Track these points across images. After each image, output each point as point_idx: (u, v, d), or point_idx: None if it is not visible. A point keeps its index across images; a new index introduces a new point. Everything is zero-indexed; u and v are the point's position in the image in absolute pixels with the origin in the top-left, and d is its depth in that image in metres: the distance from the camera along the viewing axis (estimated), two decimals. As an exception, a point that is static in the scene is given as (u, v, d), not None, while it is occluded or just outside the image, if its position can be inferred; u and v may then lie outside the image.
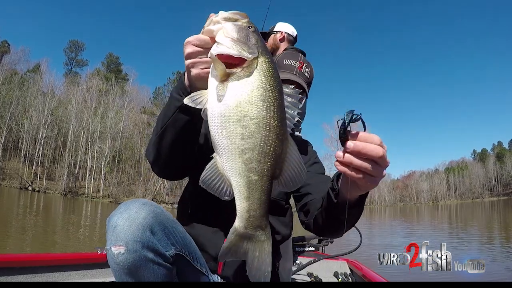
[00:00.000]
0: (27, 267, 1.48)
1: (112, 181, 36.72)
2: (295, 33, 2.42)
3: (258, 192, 0.60)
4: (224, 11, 0.65)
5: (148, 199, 0.85)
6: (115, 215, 0.77)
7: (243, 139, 0.58)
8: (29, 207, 17.01)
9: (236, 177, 0.60)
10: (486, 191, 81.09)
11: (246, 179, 0.59)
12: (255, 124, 0.57)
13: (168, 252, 0.80)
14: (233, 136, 0.58)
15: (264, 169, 0.59)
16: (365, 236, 2.42)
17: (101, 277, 1.74)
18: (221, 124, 0.58)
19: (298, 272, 2.14)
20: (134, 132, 41.38)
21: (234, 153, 0.59)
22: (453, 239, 10.40)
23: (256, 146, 0.58)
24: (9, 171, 32.74)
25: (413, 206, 68.31)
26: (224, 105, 0.58)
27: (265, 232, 0.63)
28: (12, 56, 41.48)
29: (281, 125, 0.60)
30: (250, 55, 0.60)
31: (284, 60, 1.12)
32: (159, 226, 0.78)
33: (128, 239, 0.73)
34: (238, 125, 0.58)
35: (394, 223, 21.86)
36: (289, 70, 1.11)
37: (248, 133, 0.57)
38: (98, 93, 39.52)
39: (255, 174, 0.59)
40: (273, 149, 0.59)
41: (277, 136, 0.59)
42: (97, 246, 1.94)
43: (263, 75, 0.59)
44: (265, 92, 0.58)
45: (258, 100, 0.58)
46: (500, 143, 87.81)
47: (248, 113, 0.57)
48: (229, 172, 0.60)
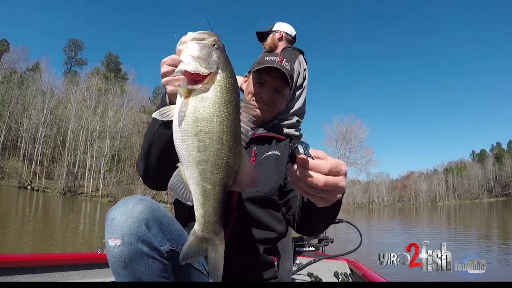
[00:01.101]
0: (27, 267, 1.48)
1: (111, 181, 36.70)
2: (293, 33, 2.42)
3: (211, 200, 0.66)
4: (192, 32, 0.70)
5: (145, 196, 0.87)
6: (113, 209, 0.80)
7: (199, 152, 0.63)
8: (28, 206, 16.98)
9: (194, 186, 0.66)
10: (485, 192, 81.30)
11: (201, 188, 0.65)
12: (209, 138, 0.63)
13: (163, 247, 0.81)
14: (190, 148, 0.64)
15: (217, 179, 0.65)
16: (365, 236, 2.43)
17: (101, 277, 1.74)
18: (181, 137, 0.64)
19: (298, 272, 2.15)
20: (134, 131, 41.36)
21: (191, 163, 0.64)
22: (452, 239, 10.43)
23: (210, 159, 0.64)
24: (8, 170, 32.67)
25: (412, 207, 68.45)
26: (184, 120, 0.64)
27: (219, 237, 0.68)
28: (12, 55, 41.40)
29: (234, 139, 0.65)
30: (207, 70, 0.64)
31: (265, 57, 1.20)
32: (154, 221, 0.81)
33: (124, 232, 0.76)
34: (195, 139, 0.63)
35: (393, 223, 21.90)
36: (270, 65, 1.16)
37: (203, 147, 0.63)
38: (98, 92, 39.47)
39: (209, 183, 0.65)
40: (225, 162, 0.64)
41: (230, 149, 0.64)
42: (97, 246, 1.94)
43: (219, 90, 0.64)
44: (219, 108, 0.63)
45: (212, 115, 0.63)
46: (499, 144, 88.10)
47: (203, 128, 0.63)
48: (188, 180, 0.66)
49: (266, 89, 1.19)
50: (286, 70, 1.17)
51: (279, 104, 1.22)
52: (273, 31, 2.39)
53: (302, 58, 2.22)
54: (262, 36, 2.46)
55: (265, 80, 1.19)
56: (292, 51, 2.21)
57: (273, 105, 1.20)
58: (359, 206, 69.97)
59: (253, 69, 1.21)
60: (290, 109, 2.16)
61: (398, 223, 21.85)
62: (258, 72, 1.19)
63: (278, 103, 1.22)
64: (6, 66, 37.76)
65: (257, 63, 1.20)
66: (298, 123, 2.25)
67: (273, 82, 1.19)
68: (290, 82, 1.20)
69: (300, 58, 2.19)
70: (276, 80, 1.18)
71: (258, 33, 2.49)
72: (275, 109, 1.23)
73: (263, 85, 1.19)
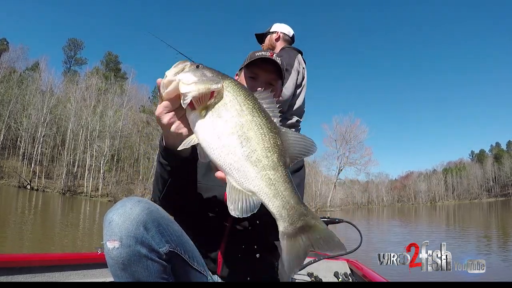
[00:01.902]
0: (27, 267, 1.48)
1: (111, 180, 36.64)
2: (291, 33, 2.43)
3: (282, 183, 0.61)
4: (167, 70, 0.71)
5: (146, 198, 0.87)
6: (111, 211, 0.80)
7: (243, 146, 0.63)
8: (28, 206, 16.96)
9: (255, 182, 0.62)
10: (484, 192, 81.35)
11: (265, 178, 0.61)
12: (247, 128, 0.63)
13: (161, 248, 0.81)
14: (233, 147, 0.63)
15: (275, 160, 0.62)
16: (365, 236, 2.43)
17: (101, 277, 1.74)
18: (219, 146, 0.64)
19: (298, 272, 2.15)
20: (133, 131, 41.29)
21: (242, 162, 0.62)
22: (452, 239, 10.44)
23: (257, 146, 0.63)
24: (7, 169, 32.62)
25: (411, 207, 68.50)
26: (214, 129, 0.65)
27: (310, 214, 0.63)
28: (11, 54, 41.28)
29: (268, 120, 0.66)
30: (217, 84, 0.66)
31: (256, 53, 1.20)
32: (152, 223, 0.80)
33: (122, 234, 0.75)
34: (233, 137, 0.63)
35: (393, 223, 21.92)
36: (261, 57, 1.17)
37: (245, 138, 0.63)
38: (97, 92, 39.41)
39: (270, 168, 0.62)
40: (272, 141, 0.63)
41: (269, 129, 0.64)
42: (97, 246, 1.94)
43: (233, 92, 0.67)
44: (242, 102, 0.66)
45: (239, 110, 0.65)
46: (498, 144, 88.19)
47: (237, 124, 0.64)
48: (246, 183, 0.62)
49: (258, 83, 1.17)
50: (278, 63, 1.15)
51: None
52: (271, 32, 2.41)
53: (300, 57, 2.23)
54: (261, 38, 2.48)
55: (258, 73, 1.17)
56: (291, 51, 2.22)
57: None
58: (359, 206, 69.98)
59: (244, 64, 1.19)
60: (293, 106, 2.16)
61: (398, 223, 21.86)
62: (249, 67, 1.17)
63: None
64: (5, 65, 37.69)
65: (247, 59, 1.19)
66: (297, 123, 2.25)
67: (265, 76, 1.17)
68: (282, 75, 1.19)
69: (299, 58, 2.20)
70: (269, 73, 1.17)
71: (257, 35, 2.51)
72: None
73: (256, 79, 1.18)
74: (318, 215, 0.72)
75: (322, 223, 0.64)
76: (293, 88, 2.07)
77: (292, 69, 2.10)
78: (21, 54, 42.28)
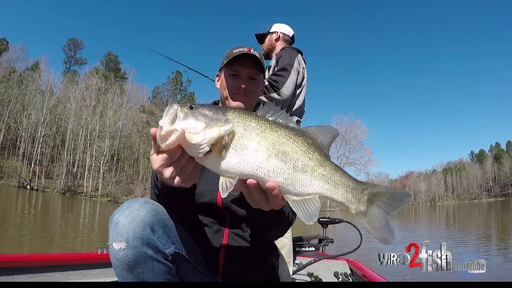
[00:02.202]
0: (27, 267, 1.48)
1: (110, 180, 36.64)
2: (291, 33, 2.43)
3: (334, 175, 0.66)
4: (160, 118, 0.66)
5: (149, 199, 0.87)
6: (118, 212, 0.79)
7: (286, 162, 0.64)
8: (28, 206, 16.95)
9: (313, 185, 0.65)
10: (484, 192, 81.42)
11: (319, 177, 0.65)
12: (278, 145, 0.64)
13: (167, 250, 0.81)
14: (277, 168, 0.64)
15: (318, 158, 0.67)
16: (365, 236, 2.43)
17: (101, 277, 1.74)
18: (264, 174, 0.63)
19: (298, 272, 2.15)
20: (133, 131, 41.30)
21: (292, 176, 0.64)
22: (452, 239, 10.44)
23: (297, 154, 0.65)
24: (7, 169, 32.61)
25: (411, 207, 68.52)
26: (248, 162, 0.63)
27: (369, 185, 0.68)
28: (11, 54, 41.32)
29: (289, 128, 0.68)
30: (227, 123, 0.64)
31: (233, 50, 1.17)
32: (159, 224, 0.80)
33: (128, 235, 0.75)
34: (272, 160, 0.64)
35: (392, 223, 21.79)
36: (237, 53, 1.14)
37: (282, 154, 0.64)
38: (97, 92, 39.41)
39: (318, 167, 0.66)
40: (305, 143, 0.67)
41: (296, 134, 0.67)
42: (97, 246, 1.94)
43: (244, 121, 0.65)
44: (258, 126, 0.65)
45: (260, 134, 0.64)
46: (498, 144, 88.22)
47: (267, 146, 0.64)
48: (305, 190, 0.65)
49: (240, 80, 1.15)
50: (257, 57, 1.13)
51: (256, 92, 1.19)
52: (271, 32, 2.41)
53: (300, 57, 2.23)
54: (261, 38, 2.48)
55: (238, 70, 1.15)
56: (291, 51, 2.22)
57: (251, 94, 1.17)
58: (359, 206, 69.78)
59: (223, 64, 1.17)
60: (293, 106, 2.16)
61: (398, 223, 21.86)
62: (229, 65, 1.15)
63: (255, 91, 1.19)
64: (5, 65, 37.70)
65: (226, 58, 1.17)
66: (298, 123, 2.25)
67: (246, 71, 1.15)
68: (262, 68, 1.17)
69: (299, 58, 2.20)
70: (249, 68, 1.15)
71: (257, 36, 2.51)
72: (254, 98, 1.20)
73: (237, 76, 1.15)
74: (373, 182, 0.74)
75: (381, 186, 0.69)
76: (292, 88, 2.07)
77: (292, 69, 2.10)
78: (21, 54, 42.41)
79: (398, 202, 0.68)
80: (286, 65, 2.09)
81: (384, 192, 0.68)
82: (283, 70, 2.08)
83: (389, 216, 0.68)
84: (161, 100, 40.07)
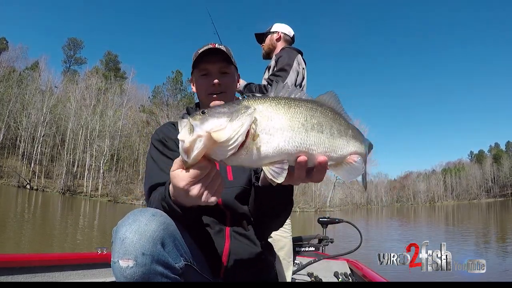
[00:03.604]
0: (27, 267, 1.48)
1: (110, 180, 36.59)
2: (292, 33, 2.43)
3: (358, 132, 0.78)
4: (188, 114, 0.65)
5: (157, 209, 0.80)
6: (123, 226, 0.73)
7: (323, 132, 0.69)
8: (27, 206, 16.94)
9: (348, 146, 0.74)
10: (483, 192, 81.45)
11: (349, 136, 0.74)
12: (309, 118, 0.67)
13: (177, 264, 0.78)
14: (318, 140, 0.68)
15: (345, 120, 0.75)
16: (365, 236, 2.43)
17: (101, 277, 1.74)
18: (306, 148, 0.65)
19: (298, 272, 2.15)
20: (133, 130, 41.26)
21: (331, 143, 0.69)
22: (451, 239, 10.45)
23: (327, 121, 0.70)
24: (7, 169, 32.56)
25: (410, 207, 68.57)
26: (288, 141, 0.63)
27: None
28: (10, 53, 41.24)
29: (307, 100, 0.71)
30: (249, 108, 0.62)
31: (198, 50, 1.17)
32: (169, 238, 0.76)
33: (137, 252, 0.70)
34: (312, 133, 0.66)
35: (392, 223, 21.93)
36: (205, 49, 1.14)
37: (317, 126, 0.68)
38: (97, 91, 39.37)
39: (348, 128, 0.75)
40: (329, 111, 0.72)
41: (317, 104, 0.71)
42: (97, 246, 1.94)
43: (264, 105, 0.64)
44: (280, 106, 0.65)
45: (287, 113, 0.65)
46: (497, 145, 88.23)
47: (300, 123, 0.65)
48: (344, 152, 0.73)
49: (211, 77, 1.14)
50: (223, 49, 1.12)
51: (231, 85, 1.18)
52: (271, 32, 2.40)
53: (300, 58, 2.23)
54: (260, 37, 2.47)
55: (207, 68, 1.14)
56: (291, 51, 2.21)
57: (226, 88, 1.16)
58: (358, 206, 69.98)
59: (193, 66, 1.16)
60: None
61: (397, 223, 21.87)
62: (198, 65, 1.14)
63: (230, 85, 1.17)
64: (5, 64, 37.64)
65: (193, 59, 1.16)
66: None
67: (215, 67, 1.14)
68: (231, 60, 1.15)
69: (299, 58, 2.19)
70: (217, 63, 1.13)
71: (257, 35, 2.50)
72: (231, 92, 1.19)
73: (208, 75, 1.14)
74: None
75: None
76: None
77: (291, 70, 2.10)
78: (21, 53, 42.32)
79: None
80: (285, 66, 2.09)
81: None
82: (282, 70, 2.08)
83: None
84: (161, 100, 40.07)
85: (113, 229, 0.77)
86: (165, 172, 0.98)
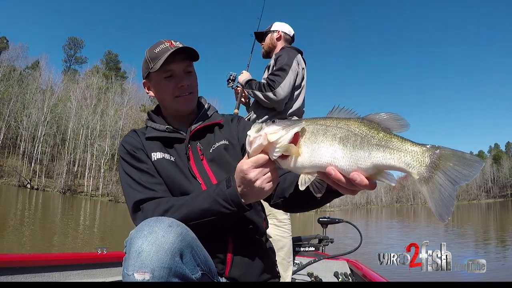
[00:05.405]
0: (27, 267, 1.48)
1: (111, 180, 36.63)
2: (292, 32, 2.42)
3: (390, 142, 0.69)
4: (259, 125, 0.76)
5: (172, 218, 0.78)
6: (139, 238, 0.71)
7: (354, 148, 0.68)
8: (28, 205, 16.96)
9: (376, 156, 0.69)
10: (483, 193, 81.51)
11: (382, 147, 0.68)
12: (352, 129, 0.70)
13: (194, 275, 0.76)
14: (354, 149, 0.69)
15: (382, 134, 0.69)
16: (365, 236, 2.43)
17: (101, 277, 1.74)
18: (344, 161, 0.68)
19: (298, 272, 2.15)
20: (133, 130, 41.27)
21: (370, 153, 0.68)
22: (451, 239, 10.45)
23: (368, 132, 0.69)
24: (7, 168, 32.61)
25: (410, 207, 68.60)
26: (334, 150, 0.69)
27: (431, 146, 0.65)
28: (11, 52, 41.30)
29: (354, 117, 0.73)
30: (300, 123, 0.72)
31: (153, 50, 1.07)
32: (187, 248, 0.74)
33: (154, 266, 0.68)
34: (356, 142, 0.68)
35: (392, 223, 21.94)
36: (164, 51, 1.03)
37: (360, 137, 0.69)
38: (98, 91, 39.41)
39: (390, 138, 0.69)
40: (366, 123, 0.71)
41: (360, 119, 0.72)
42: (97, 246, 1.94)
43: (314, 120, 0.73)
44: (327, 122, 0.72)
45: (327, 129, 0.71)
46: (497, 146, 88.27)
47: (349, 131, 0.69)
48: (388, 161, 0.68)
49: (178, 78, 1.05)
50: (185, 46, 1.04)
51: (196, 85, 1.11)
52: (271, 31, 2.39)
53: (300, 57, 2.22)
54: (260, 36, 2.46)
55: (172, 69, 1.04)
56: (291, 50, 2.21)
57: (193, 88, 1.09)
58: (357, 207, 70.08)
59: (152, 69, 1.03)
60: (289, 109, 2.16)
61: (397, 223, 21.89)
62: (162, 68, 1.02)
63: (195, 85, 1.10)
64: (5, 63, 37.66)
65: (150, 61, 1.05)
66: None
67: (180, 66, 1.04)
68: (193, 56, 1.07)
69: (298, 58, 2.19)
70: (182, 62, 1.04)
71: (257, 34, 2.49)
72: (196, 91, 1.11)
73: (174, 76, 1.04)
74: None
75: (446, 147, 0.61)
76: (289, 88, 2.06)
77: (290, 70, 2.09)
78: (21, 52, 42.37)
79: (468, 169, 0.58)
80: (284, 65, 2.08)
81: (451, 155, 0.59)
82: (280, 70, 2.07)
83: (456, 187, 0.59)
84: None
85: (125, 240, 0.75)
86: (144, 186, 0.97)
